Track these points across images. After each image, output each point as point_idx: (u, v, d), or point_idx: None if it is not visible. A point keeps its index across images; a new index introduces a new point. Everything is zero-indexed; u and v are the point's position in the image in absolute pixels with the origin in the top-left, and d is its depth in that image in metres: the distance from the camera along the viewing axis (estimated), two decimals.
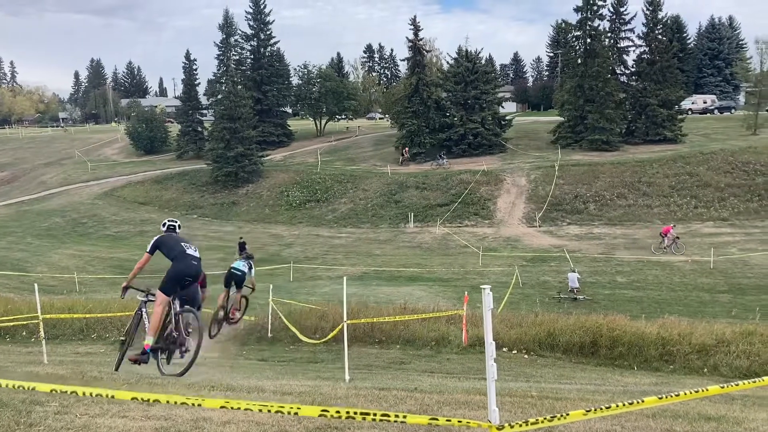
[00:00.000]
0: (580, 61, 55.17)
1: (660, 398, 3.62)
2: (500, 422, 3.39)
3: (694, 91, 76.23)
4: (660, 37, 54.79)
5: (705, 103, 68.03)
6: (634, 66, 56.01)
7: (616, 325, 12.87)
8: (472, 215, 43.26)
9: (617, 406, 3.57)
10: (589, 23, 54.67)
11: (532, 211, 42.26)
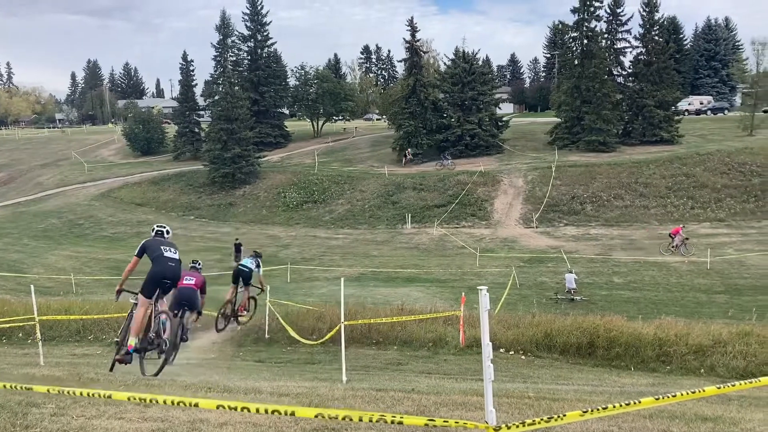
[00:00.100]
0: (577, 62, 55.25)
1: (657, 399, 3.62)
2: (497, 423, 3.39)
3: (690, 92, 76.46)
4: (657, 38, 54.86)
5: (702, 104, 68.29)
6: (631, 67, 56.03)
7: (613, 325, 12.87)
8: (470, 216, 43.26)
9: (614, 406, 3.57)
10: (586, 24, 54.75)
11: (529, 212, 42.29)
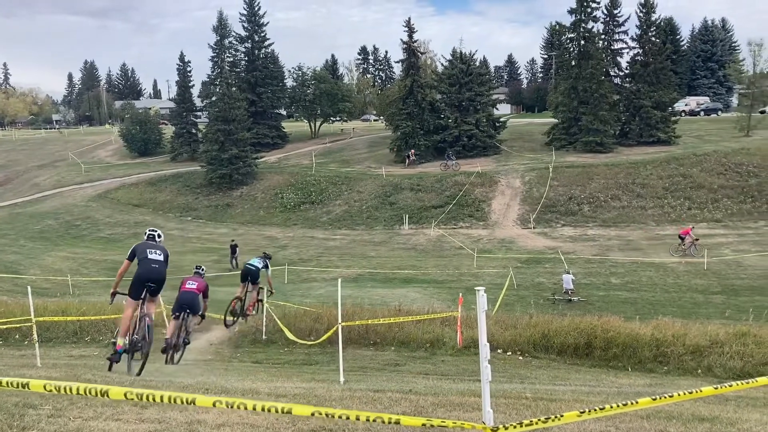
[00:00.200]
0: (574, 63, 55.33)
1: (654, 399, 3.62)
2: (495, 424, 3.39)
3: (687, 93, 76.63)
4: (653, 39, 55.02)
5: (698, 105, 68.47)
6: (628, 68, 56.12)
7: (611, 326, 12.88)
8: (467, 217, 43.28)
9: (611, 407, 3.57)
10: (583, 25, 54.85)
11: (527, 213, 42.32)
